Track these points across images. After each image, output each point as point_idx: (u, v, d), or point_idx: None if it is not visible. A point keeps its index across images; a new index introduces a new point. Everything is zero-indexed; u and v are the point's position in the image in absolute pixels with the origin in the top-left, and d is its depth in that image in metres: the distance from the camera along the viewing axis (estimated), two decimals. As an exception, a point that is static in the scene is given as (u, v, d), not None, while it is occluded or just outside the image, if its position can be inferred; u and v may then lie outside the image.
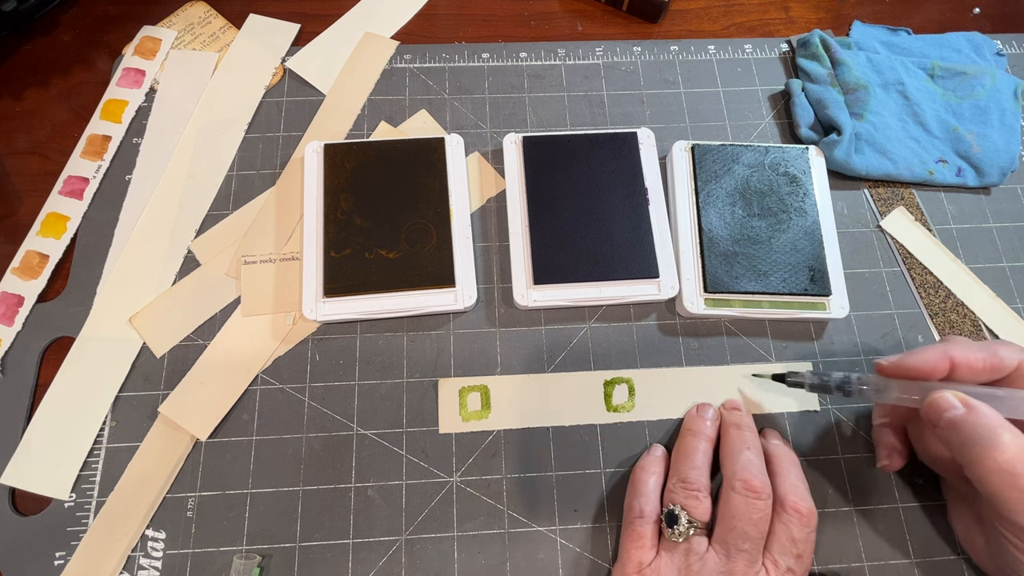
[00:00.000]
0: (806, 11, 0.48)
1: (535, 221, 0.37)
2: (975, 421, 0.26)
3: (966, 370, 0.29)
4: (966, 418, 0.26)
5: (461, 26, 0.46)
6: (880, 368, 0.31)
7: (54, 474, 0.33)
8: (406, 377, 0.36)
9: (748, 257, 0.37)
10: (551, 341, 0.37)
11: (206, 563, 0.32)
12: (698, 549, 0.29)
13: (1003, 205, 0.41)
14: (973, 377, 0.29)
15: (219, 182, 0.40)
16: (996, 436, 0.25)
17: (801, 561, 0.29)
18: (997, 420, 0.26)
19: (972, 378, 0.29)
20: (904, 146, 0.41)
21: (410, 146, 0.39)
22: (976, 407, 0.27)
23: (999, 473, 0.25)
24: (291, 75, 0.43)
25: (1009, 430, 0.26)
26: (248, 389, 0.35)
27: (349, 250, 0.36)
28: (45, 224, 0.38)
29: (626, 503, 0.32)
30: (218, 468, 0.34)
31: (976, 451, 0.26)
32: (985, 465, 0.25)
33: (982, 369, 0.29)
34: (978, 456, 0.26)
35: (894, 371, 0.30)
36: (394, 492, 0.33)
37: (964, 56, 0.44)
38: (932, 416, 0.28)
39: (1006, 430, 0.26)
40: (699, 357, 0.37)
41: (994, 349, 0.29)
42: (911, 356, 0.30)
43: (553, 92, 0.43)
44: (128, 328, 0.36)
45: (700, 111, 0.43)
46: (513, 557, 0.32)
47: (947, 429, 0.27)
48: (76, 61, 0.43)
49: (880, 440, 0.33)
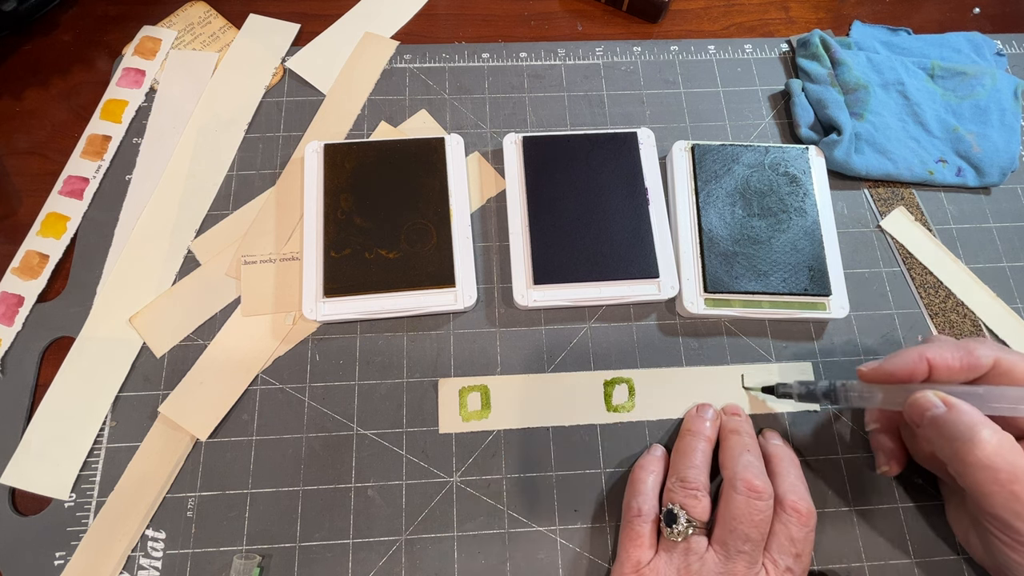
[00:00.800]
0: (806, 11, 0.48)
1: (535, 221, 0.37)
2: (955, 419, 0.27)
3: (944, 371, 0.29)
4: (947, 416, 0.27)
5: (461, 26, 0.46)
6: (862, 375, 0.31)
7: (54, 474, 0.33)
8: (406, 377, 0.36)
9: (748, 257, 0.37)
10: (551, 341, 0.37)
11: (206, 563, 0.32)
12: (697, 549, 0.29)
13: (1003, 205, 0.41)
14: (951, 377, 0.29)
15: (219, 182, 0.40)
16: (976, 432, 0.26)
17: (800, 560, 0.29)
18: (977, 417, 0.26)
19: (951, 378, 0.29)
20: (904, 146, 0.41)
21: (410, 146, 0.39)
22: (956, 405, 0.27)
23: (980, 468, 0.25)
24: (291, 75, 0.43)
25: (988, 426, 0.26)
26: (248, 389, 0.35)
27: (349, 250, 0.36)
28: (45, 224, 0.38)
29: (625, 502, 0.32)
30: (218, 468, 0.34)
31: (957, 447, 0.26)
32: (966, 461, 0.26)
33: (959, 368, 0.29)
34: (959, 452, 0.26)
35: (875, 376, 0.30)
36: (394, 492, 0.33)
37: (964, 56, 0.44)
38: (914, 416, 0.28)
39: (985, 426, 0.26)
40: (699, 357, 0.37)
41: (970, 348, 0.29)
42: (890, 361, 0.30)
43: (553, 92, 0.43)
44: (128, 328, 0.36)
45: (700, 111, 0.43)
46: (513, 557, 0.32)
47: (929, 428, 0.27)
48: (76, 61, 0.43)
49: (878, 446, 0.33)
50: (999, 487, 0.25)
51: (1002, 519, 0.26)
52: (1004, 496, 0.25)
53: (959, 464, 0.26)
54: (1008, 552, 0.26)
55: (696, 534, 0.29)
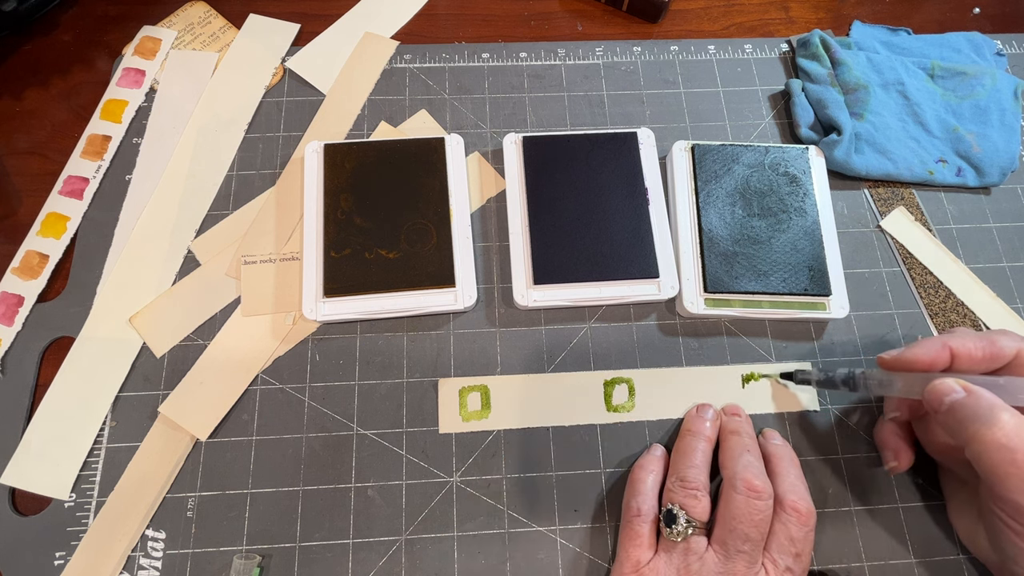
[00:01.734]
0: (806, 11, 0.48)
1: (535, 221, 0.37)
2: (975, 403, 0.26)
3: (966, 360, 0.29)
4: (966, 400, 0.27)
5: (461, 26, 0.46)
6: (882, 362, 0.31)
7: (54, 474, 0.33)
8: (406, 377, 0.36)
9: (748, 257, 0.37)
10: (551, 341, 0.37)
11: (206, 563, 0.32)
12: (697, 549, 0.29)
13: (1003, 205, 0.41)
14: (973, 367, 0.29)
15: (219, 182, 0.40)
16: (995, 414, 0.26)
17: (799, 560, 0.29)
18: (996, 400, 0.26)
19: (972, 367, 0.29)
20: (904, 146, 0.41)
21: (410, 146, 0.39)
22: (976, 390, 0.27)
23: (998, 449, 0.25)
24: (291, 75, 0.43)
25: (1008, 410, 0.26)
26: (248, 389, 0.35)
27: (349, 250, 0.36)
28: (45, 224, 0.38)
29: (624, 502, 0.32)
30: (218, 468, 0.34)
31: (975, 428, 0.26)
32: (984, 441, 0.26)
33: (981, 358, 0.29)
34: (977, 432, 0.26)
35: (896, 364, 0.30)
36: (394, 492, 0.33)
37: (964, 56, 0.44)
38: (934, 402, 0.28)
39: (1005, 409, 0.26)
40: (699, 357, 0.37)
41: (993, 338, 0.29)
42: (912, 349, 0.30)
43: (553, 92, 0.43)
44: (128, 328, 0.36)
45: (700, 111, 0.43)
46: (513, 557, 0.32)
47: (948, 414, 0.27)
48: (76, 61, 0.43)
49: (884, 442, 0.33)
50: (1016, 468, 0.25)
51: (1015, 503, 0.25)
52: (1021, 478, 0.25)
53: (976, 444, 0.26)
54: (1017, 541, 0.26)
55: (696, 534, 0.29)
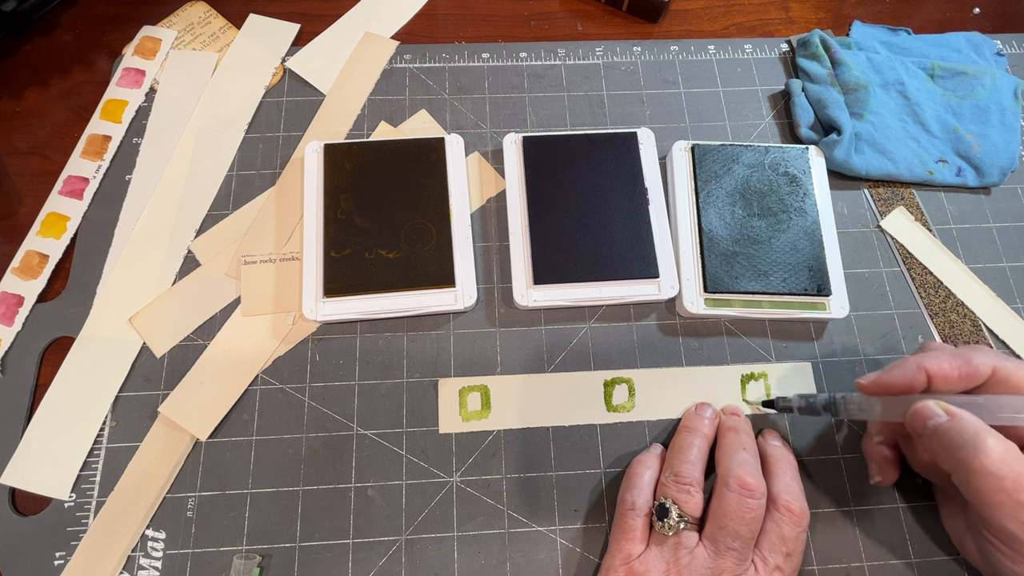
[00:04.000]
0: (806, 11, 0.48)
1: (535, 221, 0.37)
2: (959, 427, 0.26)
3: (942, 381, 0.29)
4: (950, 425, 0.26)
5: (461, 26, 0.46)
6: (861, 387, 0.31)
7: (54, 474, 0.33)
8: (406, 377, 0.36)
9: (748, 257, 0.37)
10: (551, 341, 0.37)
11: (206, 563, 0.32)
12: (688, 543, 0.29)
13: (1003, 205, 0.41)
14: (950, 387, 0.29)
15: (219, 182, 0.40)
16: (981, 440, 0.25)
17: (790, 560, 0.29)
18: (980, 425, 0.26)
19: (949, 388, 0.29)
20: (904, 146, 0.41)
21: (410, 146, 0.39)
22: (959, 414, 0.27)
23: (985, 476, 0.25)
24: (291, 75, 0.43)
25: (992, 434, 0.26)
26: (248, 389, 0.35)
27: (349, 250, 0.36)
28: (45, 224, 0.38)
29: (619, 495, 0.32)
30: (218, 468, 0.34)
31: (961, 456, 0.26)
32: (971, 469, 0.25)
33: (957, 378, 0.29)
34: (963, 461, 0.26)
35: (874, 388, 0.30)
36: (394, 492, 0.33)
37: (964, 56, 0.44)
38: (916, 426, 0.28)
39: (990, 434, 0.26)
40: (699, 357, 0.37)
41: (967, 357, 0.29)
42: (888, 372, 0.30)
43: (553, 92, 0.43)
44: (128, 328, 0.36)
45: (700, 111, 0.43)
46: (513, 557, 0.32)
47: (931, 438, 0.27)
48: (76, 61, 0.43)
49: (871, 455, 0.33)
50: (1005, 496, 0.25)
51: (1007, 531, 0.25)
52: (1010, 505, 0.25)
53: (963, 472, 0.26)
54: (1009, 565, 0.26)
55: (687, 529, 0.29)
